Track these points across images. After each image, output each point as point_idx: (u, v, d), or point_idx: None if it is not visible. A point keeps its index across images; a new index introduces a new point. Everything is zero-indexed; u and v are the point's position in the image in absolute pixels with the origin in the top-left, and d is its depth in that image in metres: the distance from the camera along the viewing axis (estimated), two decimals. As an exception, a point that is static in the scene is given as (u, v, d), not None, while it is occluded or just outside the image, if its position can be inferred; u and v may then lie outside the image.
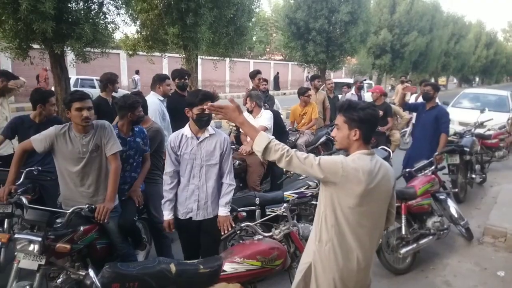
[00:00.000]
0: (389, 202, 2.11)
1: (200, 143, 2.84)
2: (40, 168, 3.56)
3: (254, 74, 6.52)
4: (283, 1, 16.59)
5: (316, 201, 3.74)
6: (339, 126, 2.06)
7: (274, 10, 25.25)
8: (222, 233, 2.87)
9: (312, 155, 1.99)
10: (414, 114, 6.63)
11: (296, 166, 1.97)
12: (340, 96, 8.78)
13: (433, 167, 4.41)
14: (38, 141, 2.77)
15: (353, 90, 8.11)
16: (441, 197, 4.37)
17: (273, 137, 2.05)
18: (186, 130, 2.88)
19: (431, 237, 4.03)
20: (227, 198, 2.91)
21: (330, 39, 15.68)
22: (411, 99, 9.13)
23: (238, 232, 2.76)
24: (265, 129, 4.67)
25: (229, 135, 7.95)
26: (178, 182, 2.95)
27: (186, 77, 4.84)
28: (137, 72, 19.77)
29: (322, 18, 14.92)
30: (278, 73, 31.02)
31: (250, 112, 4.91)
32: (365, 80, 8.23)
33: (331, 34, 15.65)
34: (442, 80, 42.35)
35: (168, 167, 2.90)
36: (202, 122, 2.80)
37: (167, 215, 2.92)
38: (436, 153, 4.76)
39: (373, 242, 2.07)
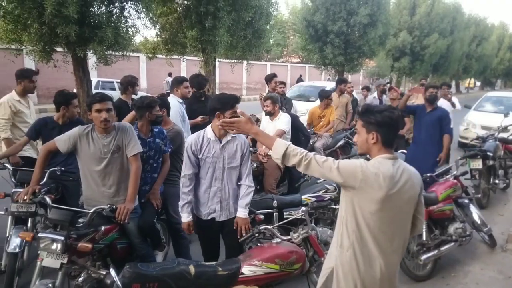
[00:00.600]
0: (416, 208, 2.03)
1: (223, 146, 2.85)
2: (63, 168, 3.62)
3: (270, 78, 6.47)
4: (301, 4, 16.56)
5: (335, 204, 3.75)
6: (358, 130, 2.04)
7: (292, 13, 25.25)
8: (239, 236, 2.86)
9: (331, 159, 1.96)
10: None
11: (314, 170, 1.95)
12: (359, 99, 8.69)
13: (455, 172, 4.31)
14: (62, 141, 2.83)
15: (375, 94, 8.00)
16: (464, 202, 4.27)
17: (290, 142, 2.05)
18: (209, 133, 2.87)
19: (452, 243, 3.93)
20: (246, 199, 2.91)
21: (348, 42, 15.59)
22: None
23: (256, 235, 2.77)
24: (283, 133, 4.65)
25: (247, 137, 7.98)
26: (195, 184, 2.96)
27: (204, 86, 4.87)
28: (169, 75, 19.99)
29: (340, 20, 14.86)
30: (300, 75, 30.78)
31: (271, 114, 4.88)
32: (388, 83, 8.08)
33: (350, 37, 15.56)
34: (470, 83, 41.54)
35: (187, 170, 2.90)
36: None
37: (186, 217, 2.92)
38: (459, 157, 4.66)
39: (396, 249, 1.99)
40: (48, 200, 2.93)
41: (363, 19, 14.52)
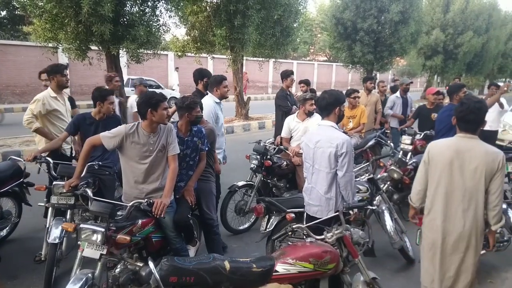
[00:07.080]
0: (488, 182, 2.50)
1: None
2: (100, 163, 3.73)
3: (287, 75, 6.14)
4: (330, 1, 16.39)
5: (367, 206, 3.67)
6: None
7: (320, 11, 25.01)
8: None
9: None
10: None
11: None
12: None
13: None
14: (108, 138, 2.90)
15: (398, 93, 7.77)
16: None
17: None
18: None
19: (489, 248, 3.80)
20: None
21: (378, 40, 15.30)
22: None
23: (289, 233, 2.76)
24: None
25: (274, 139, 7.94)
26: None
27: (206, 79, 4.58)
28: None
29: (371, 18, 14.60)
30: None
31: (311, 115, 4.80)
32: (411, 82, 7.81)
33: (380, 34, 15.26)
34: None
35: None
36: None
37: None
38: None
39: (463, 217, 2.60)
40: (89, 193, 3.02)
41: (395, 17, 14.20)
